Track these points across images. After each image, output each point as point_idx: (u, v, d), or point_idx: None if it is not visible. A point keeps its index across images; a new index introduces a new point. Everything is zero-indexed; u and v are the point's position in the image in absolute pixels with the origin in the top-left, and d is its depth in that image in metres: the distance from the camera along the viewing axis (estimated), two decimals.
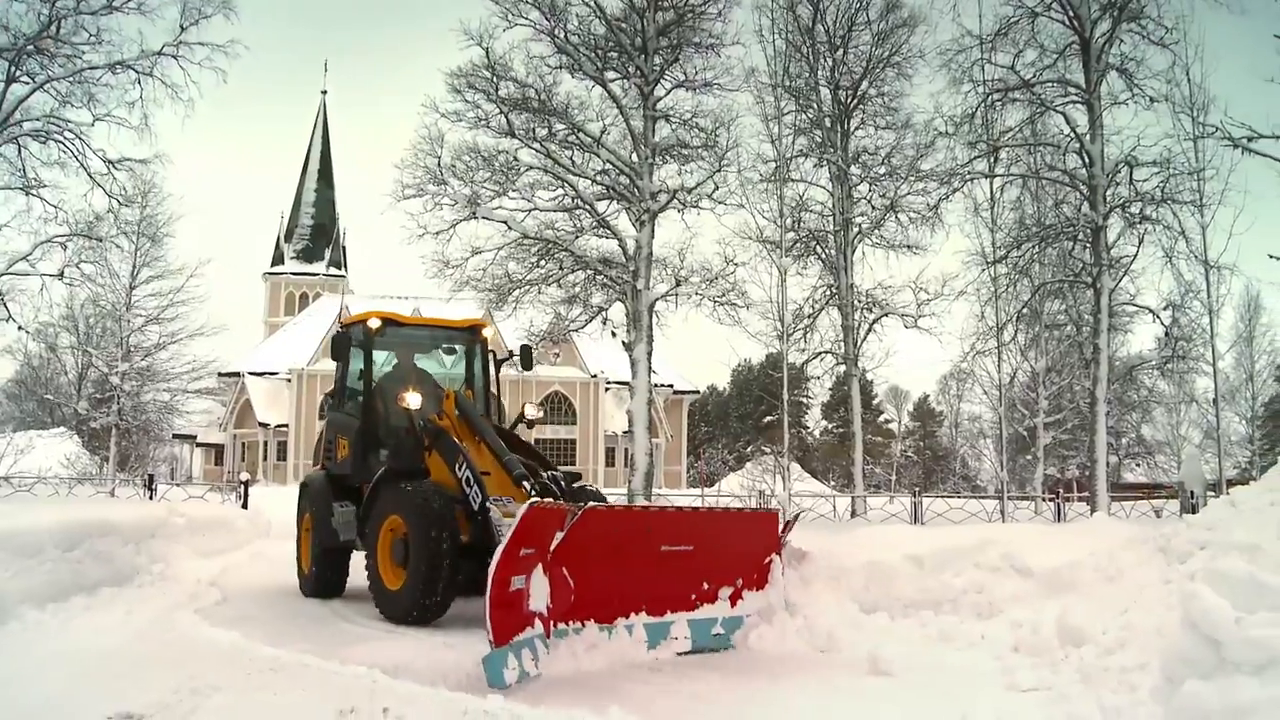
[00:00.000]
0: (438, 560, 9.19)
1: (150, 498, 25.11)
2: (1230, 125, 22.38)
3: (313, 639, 8.21)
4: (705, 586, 8.86)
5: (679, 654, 8.37)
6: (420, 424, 10.58)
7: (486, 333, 12.61)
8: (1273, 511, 6.03)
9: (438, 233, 23.87)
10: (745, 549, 9.31)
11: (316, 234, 72.15)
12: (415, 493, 9.73)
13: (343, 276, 71.59)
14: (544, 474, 10.18)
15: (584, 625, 8.04)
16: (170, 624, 9.13)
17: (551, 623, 7.69)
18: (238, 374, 59.48)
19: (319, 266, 71.45)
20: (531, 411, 11.74)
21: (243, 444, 61.28)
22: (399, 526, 9.72)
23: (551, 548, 7.78)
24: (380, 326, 11.56)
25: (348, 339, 11.83)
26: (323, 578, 11.54)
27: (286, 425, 57.55)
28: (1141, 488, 41.68)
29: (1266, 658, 3.81)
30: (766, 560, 9.30)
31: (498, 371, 12.52)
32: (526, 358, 12.95)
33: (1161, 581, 7.84)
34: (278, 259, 71.50)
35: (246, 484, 23.49)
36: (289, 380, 58.13)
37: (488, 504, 9.31)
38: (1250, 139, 22.17)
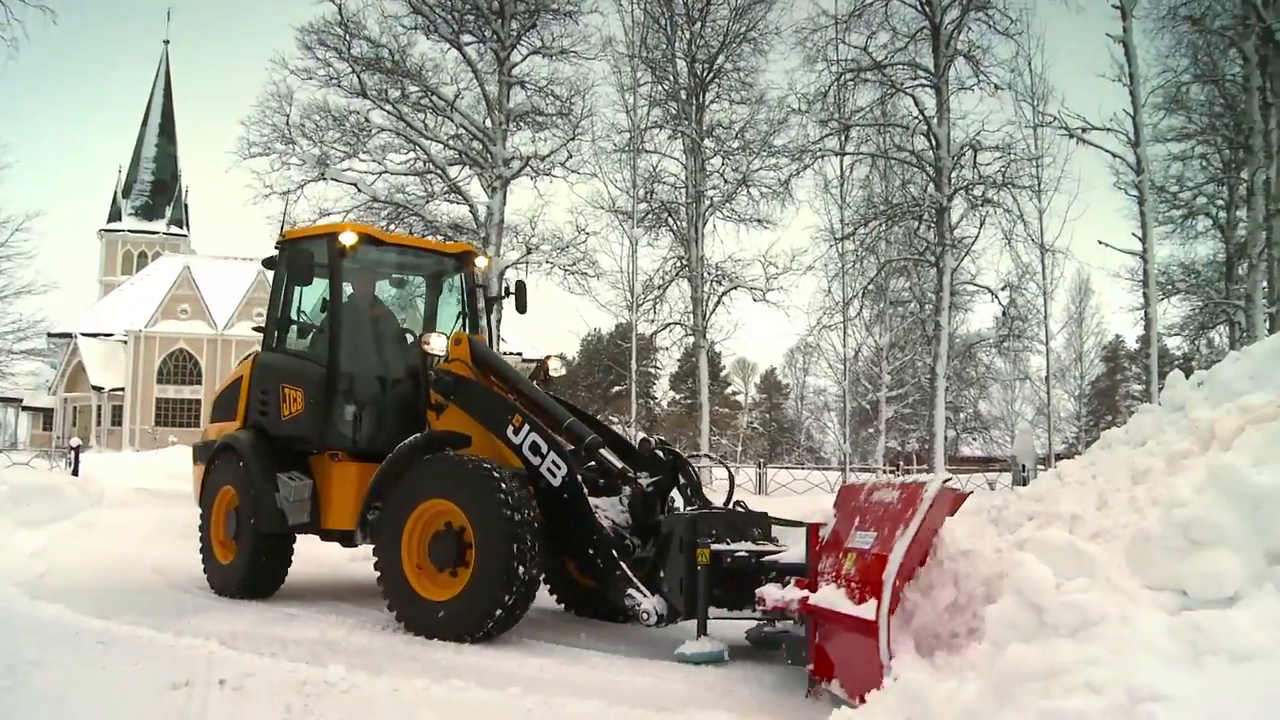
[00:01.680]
0: (521, 559, 6.92)
1: None
2: (1067, 116, 23.51)
3: (146, 610, 7.87)
4: None
5: None
6: (434, 375, 8.37)
7: (480, 263, 10.22)
8: (1094, 484, 6.33)
9: (285, 193, 23.43)
10: None
11: (157, 190, 69.37)
12: (473, 468, 7.31)
13: (185, 236, 69.11)
14: (649, 443, 8.15)
15: None
16: None
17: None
18: (69, 335, 56.81)
19: (159, 225, 68.76)
20: (556, 366, 9.49)
21: (74, 408, 58.67)
22: (446, 514, 7.38)
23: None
24: (356, 242, 8.96)
25: (307, 257, 8.78)
26: (257, 571, 9.04)
27: (122, 389, 55.36)
28: (977, 461, 43.39)
29: (1081, 620, 4.01)
30: None
31: (490, 313, 10.55)
32: (522, 296, 10.08)
33: (992, 550, 8.18)
34: (115, 215, 68.52)
35: (77, 450, 22.47)
36: (125, 342, 55.85)
37: (578, 478, 7.37)
38: (1085, 130, 23.26)
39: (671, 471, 7.82)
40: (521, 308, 10.04)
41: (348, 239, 8.93)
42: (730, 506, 7.63)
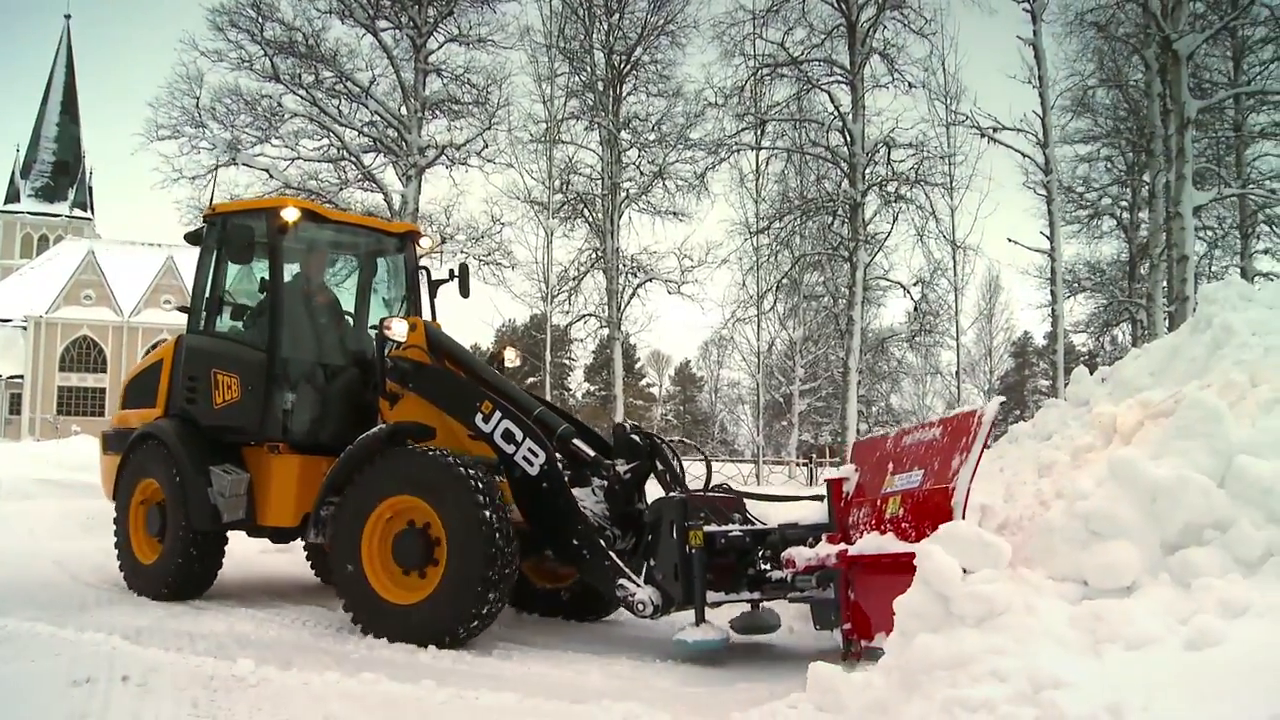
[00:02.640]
0: (494, 557, 6.52)
1: None
2: (979, 115, 23.96)
3: (45, 606, 7.68)
4: None
5: None
6: (391, 363, 7.81)
7: (424, 243, 9.76)
8: (1000, 476, 6.49)
9: (194, 177, 22.95)
10: None
11: (59, 171, 67.42)
12: (443, 462, 6.79)
13: (89, 219, 67.28)
14: (624, 428, 7.83)
15: None
16: None
17: None
18: None
19: (61, 207, 66.86)
20: (511, 357, 9.12)
21: None
22: (412, 511, 6.90)
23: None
24: (298, 218, 8.28)
25: (245, 233, 8.26)
26: (187, 571, 8.37)
27: (21, 377, 53.71)
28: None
29: (987, 610, 4.10)
30: None
31: (434, 296, 9.53)
32: (465, 279, 9.60)
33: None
34: (12, 196, 66.45)
35: None
36: (25, 328, 54.18)
37: (557, 465, 7.01)
38: (996, 129, 23.72)
39: (649, 458, 7.51)
40: (465, 292, 9.63)
41: (289, 214, 8.23)
42: (710, 490, 7.44)
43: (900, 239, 29.10)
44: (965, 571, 4.36)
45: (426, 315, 9.27)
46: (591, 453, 7.51)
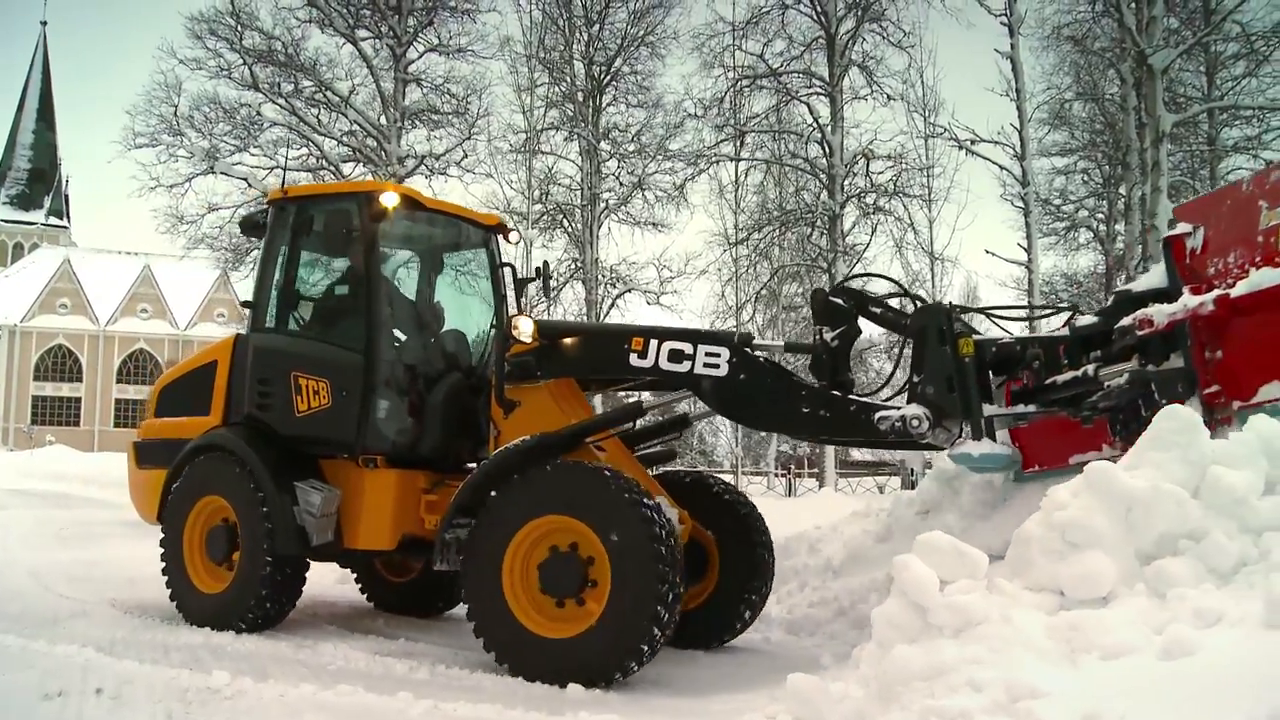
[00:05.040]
0: (666, 585, 5.77)
1: None
2: (957, 128, 24.08)
3: (16, 618, 7.57)
4: None
5: None
6: (511, 363, 6.94)
7: (512, 237, 8.88)
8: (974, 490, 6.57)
9: (172, 186, 22.89)
10: None
11: (35, 179, 67.05)
12: (610, 479, 6.07)
13: (65, 227, 66.84)
14: (823, 291, 6.88)
15: None
16: None
17: None
18: None
19: (37, 215, 66.48)
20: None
21: None
22: (566, 533, 6.09)
23: None
24: (397, 204, 7.50)
25: (338, 219, 7.50)
26: (270, 603, 7.34)
27: None
28: (867, 466, 44.10)
29: (964, 621, 4.11)
30: None
31: (519, 294, 8.81)
32: (547, 279, 8.89)
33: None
34: None
35: None
36: None
37: (746, 351, 6.40)
38: (974, 142, 23.86)
39: (854, 318, 6.66)
40: (547, 291, 9.19)
41: (389, 199, 7.43)
42: None
43: (879, 250, 29.43)
44: (943, 582, 4.39)
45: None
46: (779, 342, 6.87)
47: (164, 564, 7.79)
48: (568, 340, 6.98)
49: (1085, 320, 6.23)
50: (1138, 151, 23.34)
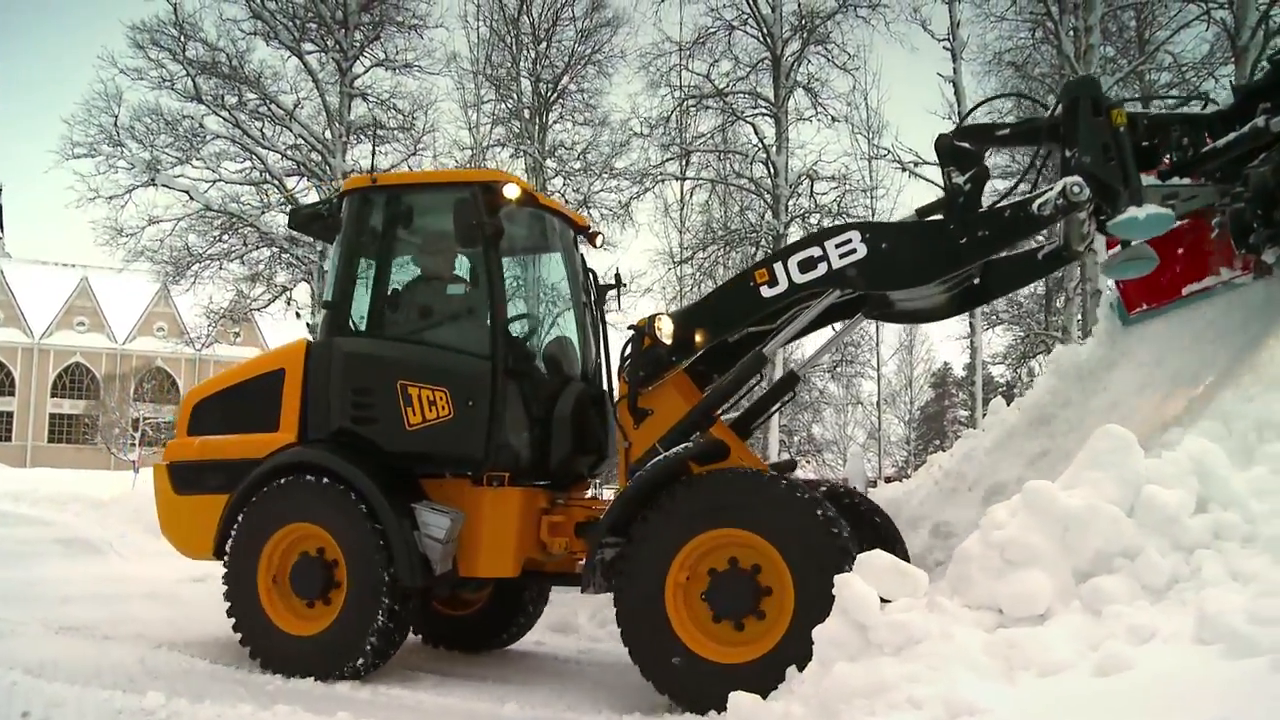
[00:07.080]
0: None
1: None
2: (900, 150, 24.37)
3: None
4: None
5: None
6: (644, 359, 6.39)
7: (596, 242, 8.37)
8: (920, 507, 6.63)
9: (111, 198, 22.47)
10: None
11: None
12: (779, 486, 5.62)
13: None
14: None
15: None
16: None
17: None
18: None
19: None
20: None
21: None
22: (735, 547, 5.59)
23: None
24: (519, 196, 6.84)
25: (469, 211, 6.69)
26: (385, 640, 6.54)
27: None
28: (810, 483, 44.32)
29: (904, 638, 4.15)
30: None
31: (602, 303, 8.19)
32: (621, 288, 8.30)
33: None
34: None
35: None
36: None
37: (881, 224, 5.88)
38: (916, 164, 24.16)
39: (982, 158, 6.56)
40: (618, 301, 8.61)
41: (511, 191, 6.77)
42: None
43: None
44: (883, 601, 4.42)
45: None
46: None
47: (230, 603, 6.88)
48: (694, 310, 6.61)
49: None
50: None
